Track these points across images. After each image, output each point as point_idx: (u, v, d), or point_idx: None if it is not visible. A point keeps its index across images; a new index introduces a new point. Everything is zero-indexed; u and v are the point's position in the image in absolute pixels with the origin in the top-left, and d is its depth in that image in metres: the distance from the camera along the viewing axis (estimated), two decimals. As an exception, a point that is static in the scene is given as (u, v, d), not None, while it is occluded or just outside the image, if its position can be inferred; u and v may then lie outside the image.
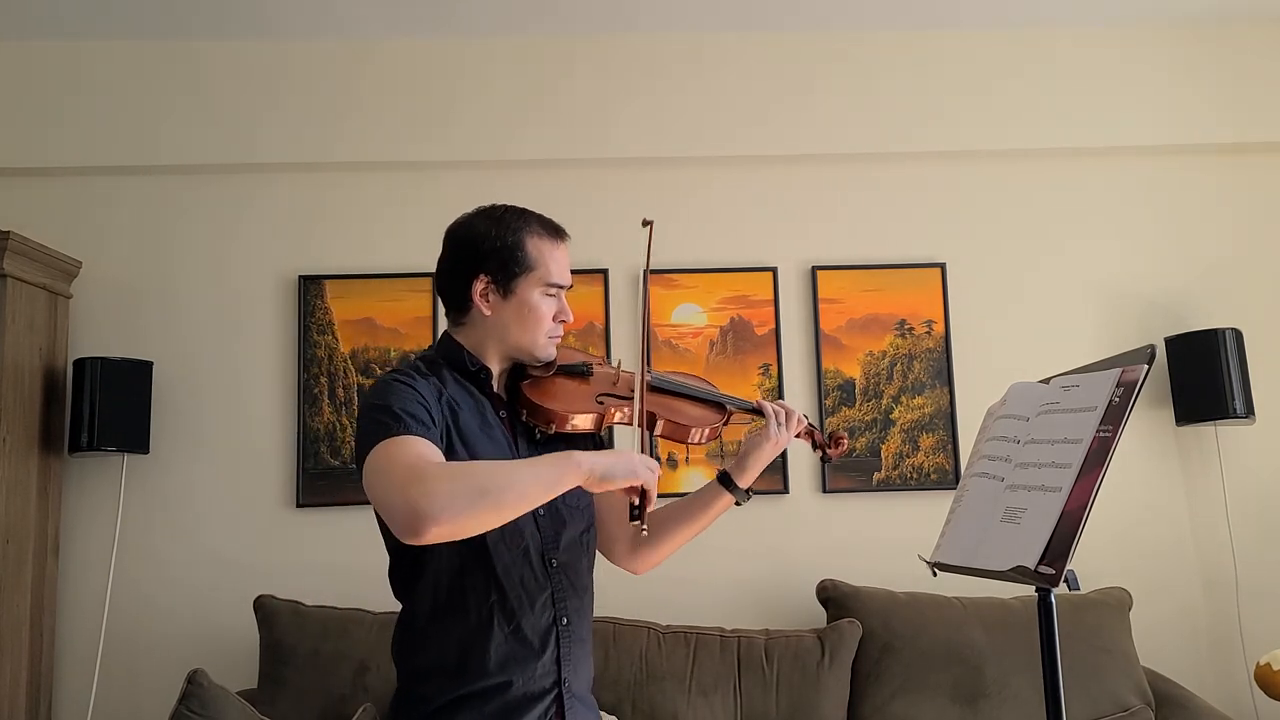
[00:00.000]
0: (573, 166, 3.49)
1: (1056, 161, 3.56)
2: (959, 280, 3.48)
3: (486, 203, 1.73)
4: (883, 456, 3.39)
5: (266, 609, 3.01)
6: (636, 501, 1.54)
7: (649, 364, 1.73)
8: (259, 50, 3.47)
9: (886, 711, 2.93)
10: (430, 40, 3.50)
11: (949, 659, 2.96)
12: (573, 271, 1.74)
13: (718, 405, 1.85)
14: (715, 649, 2.97)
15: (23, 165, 3.39)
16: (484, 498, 1.41)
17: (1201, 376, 3.26)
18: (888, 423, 3.40)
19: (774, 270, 3.46)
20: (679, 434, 1.79)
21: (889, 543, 3.17)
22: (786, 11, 3.43)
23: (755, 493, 1.86)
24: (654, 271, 3.40)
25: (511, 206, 1.72)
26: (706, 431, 1.80)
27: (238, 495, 3.31)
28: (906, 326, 3.45)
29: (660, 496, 1.63)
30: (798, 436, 1.89)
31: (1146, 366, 1.30)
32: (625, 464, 1.51)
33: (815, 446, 1.97)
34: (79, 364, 3.17)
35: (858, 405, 3.41)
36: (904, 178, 3.54)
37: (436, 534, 1.39)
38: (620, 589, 3.17)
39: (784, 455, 3.31)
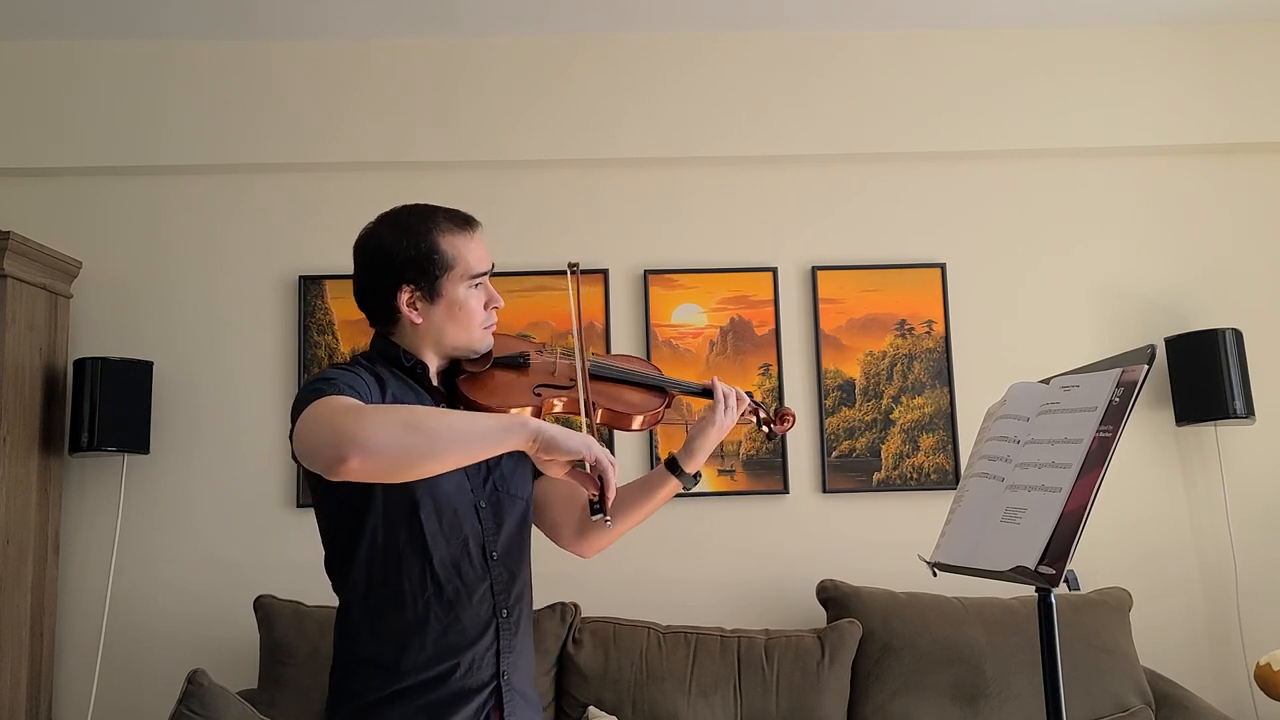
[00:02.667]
0: (573, 166, 3.49)
1: (1056, 161, 3.56)
2: (959, 280, 3.48)
3: (396, 205, 1.72)
4: (883, 457, 3.39)
5: (266, 609, 3.01)
6: (595, 495, 1.48)
7: (589, 389, 1.70)
8: (259, 50, 3.47)
9: (887, 711, 2.93)
10: (430, 40, 3.50)
11: (949, 659, 2.95)
12: (574, 271, 1.72)
13: (659, 390, 1.82)
14: (715, 649, 2.97)
15: (23, 165, 3.39)
16: (416, 433, 1.38)
17: (1201, 376, 3.25)
18: (888, 423, 3.40)
19: (774, 270, 3.46)
20: (620, 422, 1.77)
21: (889, 543, 3.17)
22: (786, 11, 3.42)
23: (756, 493, 1.85)
24: (654, 272, 3.42)
25: (414, 208, 1.70)
26: (648, 418, 1.78)
27: (238, 495, 3.30)
28: (906, 327, 3.45)
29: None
30: (741, 417, 1.85)
31: (1147, 366, 1.30)
32: (580, 438, 1.45)
33: (760, 424, 1.91)
34: (79, 364, 3.17)
35: (858, 405, 3.41)
36: (904, 178, 3.54)
37: (360, 464, 1.35)
38: (620, 589, 3.21)
39: (784, 455, 3.33)
